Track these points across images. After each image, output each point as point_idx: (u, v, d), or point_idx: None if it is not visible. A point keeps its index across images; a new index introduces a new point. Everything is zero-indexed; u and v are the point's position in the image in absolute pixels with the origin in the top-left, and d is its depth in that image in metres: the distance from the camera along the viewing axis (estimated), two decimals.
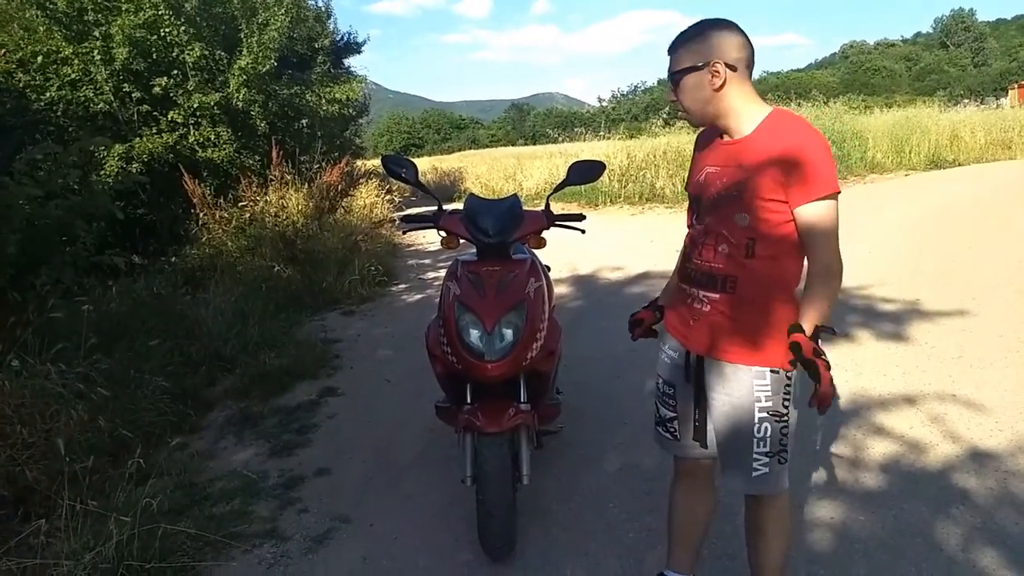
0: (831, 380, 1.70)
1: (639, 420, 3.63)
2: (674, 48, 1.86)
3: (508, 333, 2.57)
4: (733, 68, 1.80)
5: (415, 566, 2.71)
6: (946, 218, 9.25)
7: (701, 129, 2.05)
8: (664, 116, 20.04)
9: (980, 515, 2.72)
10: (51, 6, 7.98)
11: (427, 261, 9.50)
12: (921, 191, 12.20)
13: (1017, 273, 6.17)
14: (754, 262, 1.82)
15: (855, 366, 4.35)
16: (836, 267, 1.80)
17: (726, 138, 1.90)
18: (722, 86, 1.80)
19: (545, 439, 3.17)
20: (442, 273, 4.10)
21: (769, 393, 1.86)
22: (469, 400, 2.67)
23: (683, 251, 2.04)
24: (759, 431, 1.88)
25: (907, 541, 2.60)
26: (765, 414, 1.87)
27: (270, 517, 3.11)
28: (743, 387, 1.87)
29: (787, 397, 1.89)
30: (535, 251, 3.25)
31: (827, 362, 1.71)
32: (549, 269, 3.38)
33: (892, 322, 5.17)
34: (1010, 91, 41.64)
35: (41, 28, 7.96)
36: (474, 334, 2.57)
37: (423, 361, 2.96)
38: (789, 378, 1.88)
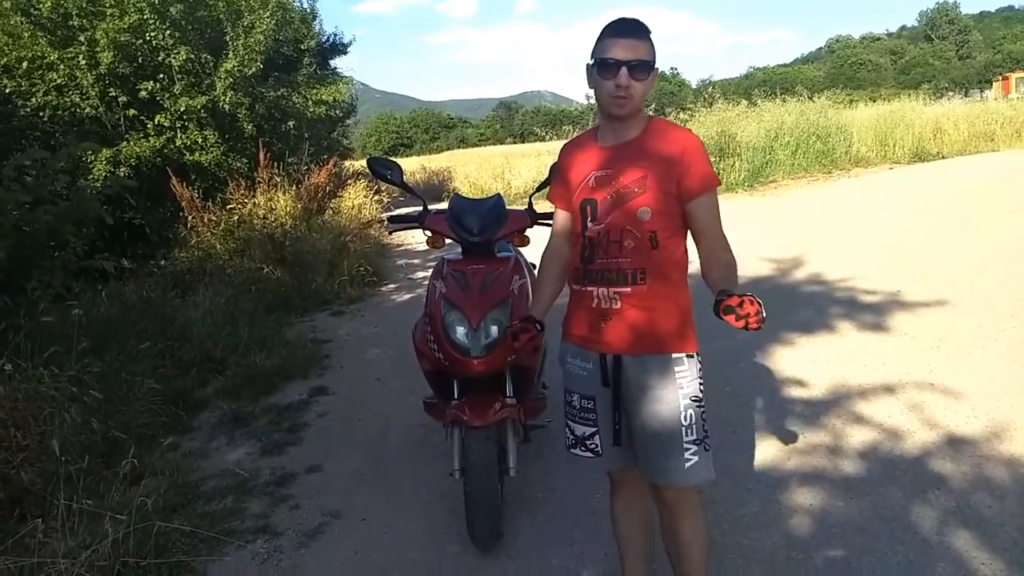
0: (757, 311, 1.63)
1: None
2: (645, 35, 1.88)
3: (493, 330, 2.62)
4: None
5: (405, 558, 2.77)
6: (928, 211, 9.35)
7: (567, 141, 2.18)
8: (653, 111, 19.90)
9: (955, 499, 2.80)
10: (35, 12, 7.97)
11: (416, 261, 9.54)
12: (904, 184, 12.31)
13: (996, 264, 6.28)
14: (658, 252, 1.91)
15: (836, 356, 4.43)
16: (727, 244, 1.94)
17: (610, 141, 1.99)
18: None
19: (532, 433, 3.23)
20: (430, 272, 4.12)
21: (688, 378, 1.94)
22: (456, 396, 2.73)
23: (578, 256, 2.02)
24: (685, 419, 1.93)
25: (883, 525, 2.68)
26: (688, 400, 1.93)
27: (263, 513, 3.16)
28: (665, 377, 1.93)
29: (701, 381, 1.98)
30: (519, 249, 3.31)
31: (752, 298, 1.64)
32: (534, 267, 3.43)
33: (873, 313, 5.26)
34: (994, 83, 42.00)
35: (26, 34, 7.94)
36: (460, 331, 2.63)
37: (412, 359, 3.01)
38: (700, 362, 1.98)
